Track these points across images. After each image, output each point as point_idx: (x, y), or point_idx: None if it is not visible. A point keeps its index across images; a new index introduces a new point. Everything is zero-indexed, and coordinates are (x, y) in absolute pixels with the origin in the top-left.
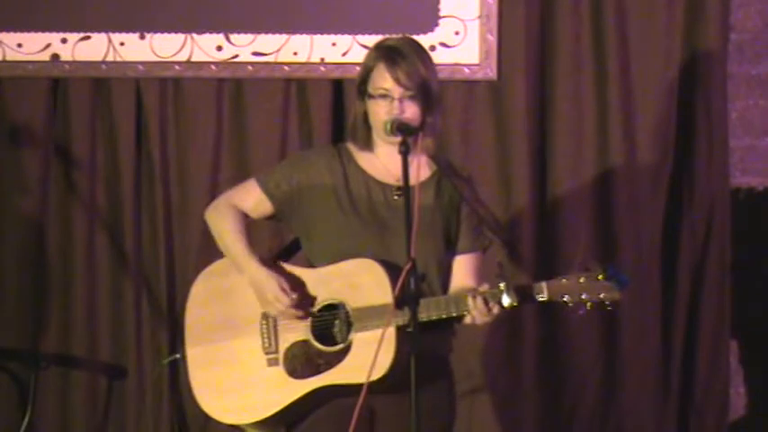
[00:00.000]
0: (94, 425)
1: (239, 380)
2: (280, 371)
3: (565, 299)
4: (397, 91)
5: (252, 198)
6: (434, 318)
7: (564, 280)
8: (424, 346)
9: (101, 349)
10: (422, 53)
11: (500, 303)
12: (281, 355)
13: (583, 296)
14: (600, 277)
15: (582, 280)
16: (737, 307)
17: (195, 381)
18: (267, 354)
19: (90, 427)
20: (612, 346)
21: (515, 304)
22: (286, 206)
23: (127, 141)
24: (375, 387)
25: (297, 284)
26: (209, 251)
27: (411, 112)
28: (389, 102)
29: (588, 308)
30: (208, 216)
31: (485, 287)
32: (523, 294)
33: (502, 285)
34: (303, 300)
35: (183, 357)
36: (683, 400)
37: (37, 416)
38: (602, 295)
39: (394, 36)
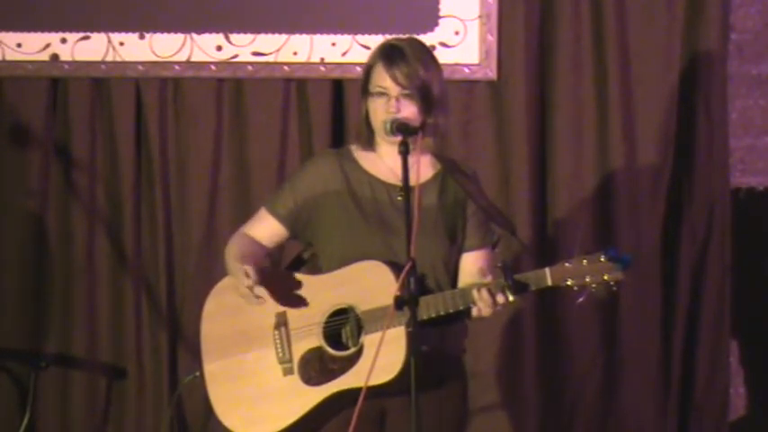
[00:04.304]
0: (94, 425)
1: (257, 392)
2: (295, 379)
3: (569, 283)
4: (394, 89)
5: (264, 225)
6: (442, 313)
7: (567, 264)
8: (437, 346)
9: (101, 349)
10: (423, 54)
11: (504, 293)
12: (295, 364)
13: (586, 279)
14: (602, 259)
15: (585, 263)
16: (737, 307)
17: (214, 396)
18: (282, 363)
19: (90, 426)
20: (612, 345)
21: (519, 293)
22: (296, 223)
23: (126, 141)
24: (390, 389)
25: (305, 292)
26: (209, 251)
27: (408, 111)
28: (387, 100)
29: (594, 289)
30: (225, 252)
31: (488, 278)
32: (527, 282)
33: (505, 275)
34: (314, 306)
35: (202, 374)
36: (683, 400)
37: (37, 416)
38: (605, 276)
39: (400, 36)
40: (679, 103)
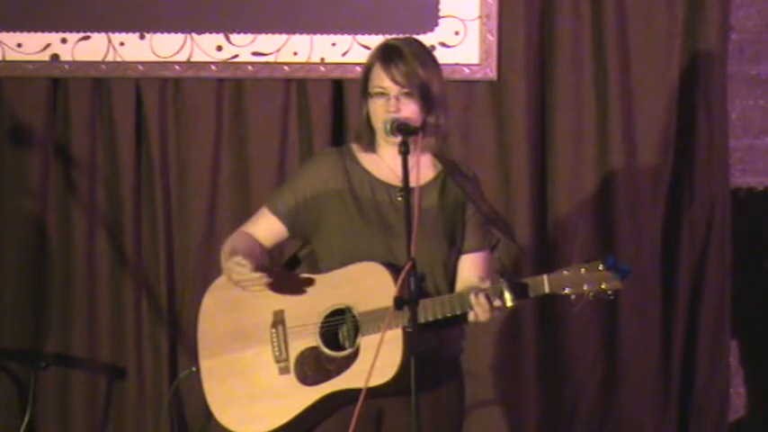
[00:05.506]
0: (94, 425)
1: (252, 390)
2: (291, 378)
3: (566, 291)
4: (393, 89)
5: (263, 223)
6: (439, 316)
7: (565, 272)
8: (435, 347)
9: (101, 349)
10: (422, 53)
11: (502, 299)
12: (291, 363)
13: (584, 287)
14: (600, 268)
15: (583, 271)
16: (737, 307)
17: (209, 393)
18: (278, 362)
19: (90, 427)
20: (612, 346)
21: (517, 300)
22: (297, 222)
23: (127, 141)
24: (387, 389)
25: (303, 291)
26: (209, 251)
27: (408, 110)
28: (386, 100)
29: (591, 298)
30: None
31: (486, 284)
32: (524, 289)
33: (503, 281)
34: (311, 306)
35: (198, 371)
36: (682, 400)
37: (37, 416)
38: (603, 285)
39: (398, 36)
40: (679, 103)
